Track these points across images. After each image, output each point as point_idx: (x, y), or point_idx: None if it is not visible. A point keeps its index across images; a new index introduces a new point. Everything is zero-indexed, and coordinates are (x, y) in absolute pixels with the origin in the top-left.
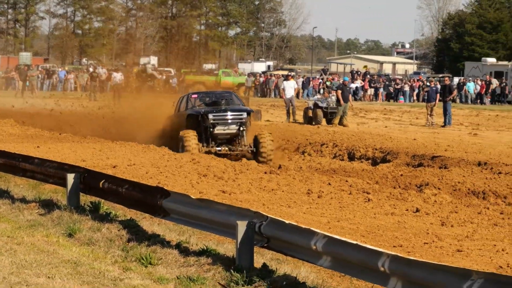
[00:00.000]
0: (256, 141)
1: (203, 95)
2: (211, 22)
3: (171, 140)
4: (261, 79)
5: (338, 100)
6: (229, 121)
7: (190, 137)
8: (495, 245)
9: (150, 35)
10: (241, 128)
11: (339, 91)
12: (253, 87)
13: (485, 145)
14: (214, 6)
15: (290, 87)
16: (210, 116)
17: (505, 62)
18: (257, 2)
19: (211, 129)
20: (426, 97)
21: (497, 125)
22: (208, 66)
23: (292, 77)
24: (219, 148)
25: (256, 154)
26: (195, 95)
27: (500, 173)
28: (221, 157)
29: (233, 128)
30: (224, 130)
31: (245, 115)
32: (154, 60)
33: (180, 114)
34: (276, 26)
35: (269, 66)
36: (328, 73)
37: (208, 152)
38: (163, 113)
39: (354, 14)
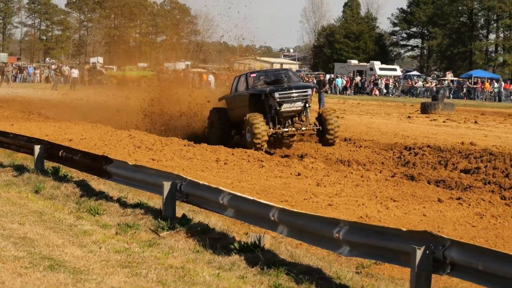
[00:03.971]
0: (321, 119)
1: (261, 74)
2: (144, 31)
3: (226, 124)
4: (182, 75)
5: None
6: (295, 98)
7: (259, 123)
8: (357, 201)
9: (98, 41)
10: (307, 105)
11: None
12: None
13: (349, 126)
14: (146, 19)
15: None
16: (276, 94)
17: (365, 63)
18: (178, 17)
19: (278, 108)
20: None
21: (359, 111)
22: (141, 65)
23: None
24: (286, 129)
25: (322, 132)
26: (254, 74)
27: (360, 146)
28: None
29: (298, 105)
30: (290, 107)
31: (310, 91)
32: (101, 59)
33: (240, 94)
34: (193, 34)
35: (187, 65)
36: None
37: (275, 134)
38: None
39: (252, 26)
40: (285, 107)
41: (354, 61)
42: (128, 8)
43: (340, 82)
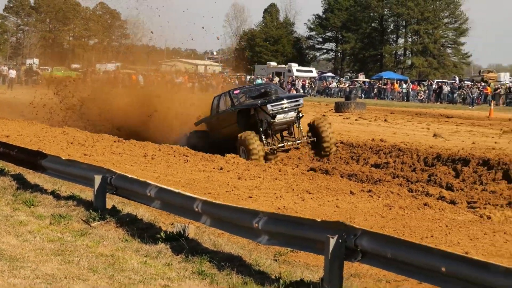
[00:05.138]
0: (314, 129)
1: (245, 90)
2: (77, 34)
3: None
4: (112, 75)
5: None
6: (287, 108)
7: (252, 139)
8: (275, 193)
9: (34, 43)
10: (300, 115)
11: None
12: None
13: None
14: (79, 23)
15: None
16: (269, 106)
17: (283, 65)
18: (109, 21)
19: (272, 120)
20: None
21: None
22: (74, 66)
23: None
24: (281, 145)
25: (317, 143)
26: (237, 91)
27: None
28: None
29: (291, 116)
30: (283, 118)
31: (301, 100)
32: (37, 61)
33: (225, 112)
34: (123, 38)
35: (117, 66)
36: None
37: (272, 151)
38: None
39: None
40: (279, 118)
41: (273, 63)
42: (62, 12)
43: (260, 82)
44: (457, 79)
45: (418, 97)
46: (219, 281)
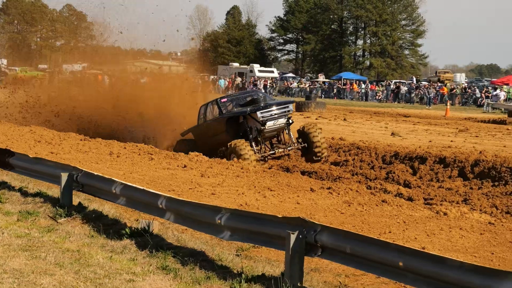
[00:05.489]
0: (304, 135)
1: (232, 98)
2: (44, 36)
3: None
4: (79, 75)
5: None
6: (277, 115)
7: (243, 145)
8: (237, 190)
9: (2, 44)
10: (290, 121)
11: None
12: None
13: None
14: (46, 24)
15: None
16: (258, 113)
17: (245, 66)
18: (75, 23)
19: (262, 127)
20: None
21: None
22: (42, 66)
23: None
24: (272, 152)
25: (307, 148)
26: (225, 99)
27: None
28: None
29: (281, 122)
30: (273, 125)
31: (290, 106)
32: (5, 61)
33: (213, 120)
34: (89, 39)
35: (84, 67)
36: None
37: (263, 158)
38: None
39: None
40: (269, 125)
41: (236, 64)
42: (30, 14)
43: (223, 83)
44: (414, 79)
45: (377, 97)
46: (183, 276)
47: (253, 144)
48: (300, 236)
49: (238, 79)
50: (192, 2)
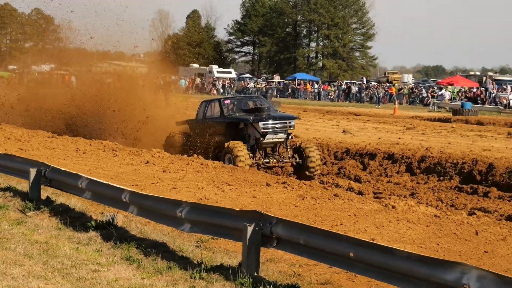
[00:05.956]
0: (300, 152)
1: (235, 100)
2: (14, 38)
3: (193, 147)
4: (47, 76)
5: None
6: (278, 129)
7: (240, 147)
8: (197, 185)
9: None
10: (289, 137)
11: None
12: None
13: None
14: (16, 27)
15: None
16: (260, 124)
17: (204, 67)
18: (43, 26)
19: (261, 138)
20: None
21: None
22: (11, 67)
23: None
24: (267, 161)
25: (301, 166)
26: (228, 101)
27: None
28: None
29: (281, 137)
30: (272, 138)
31: (293, 122)
32: None
33: (213, 120)
34: (56, 41)
35: (51, 68)
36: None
37: (256, 164)
38: None
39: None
40: (268, 138)
41: (196, 65)
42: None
43: (183, 83)
44: (364, 80)
45: (329, 96)
46: (146, 266)
47: (249, 150)
48: (257, 228)
49: (198, 80)
50: (154, 6)
